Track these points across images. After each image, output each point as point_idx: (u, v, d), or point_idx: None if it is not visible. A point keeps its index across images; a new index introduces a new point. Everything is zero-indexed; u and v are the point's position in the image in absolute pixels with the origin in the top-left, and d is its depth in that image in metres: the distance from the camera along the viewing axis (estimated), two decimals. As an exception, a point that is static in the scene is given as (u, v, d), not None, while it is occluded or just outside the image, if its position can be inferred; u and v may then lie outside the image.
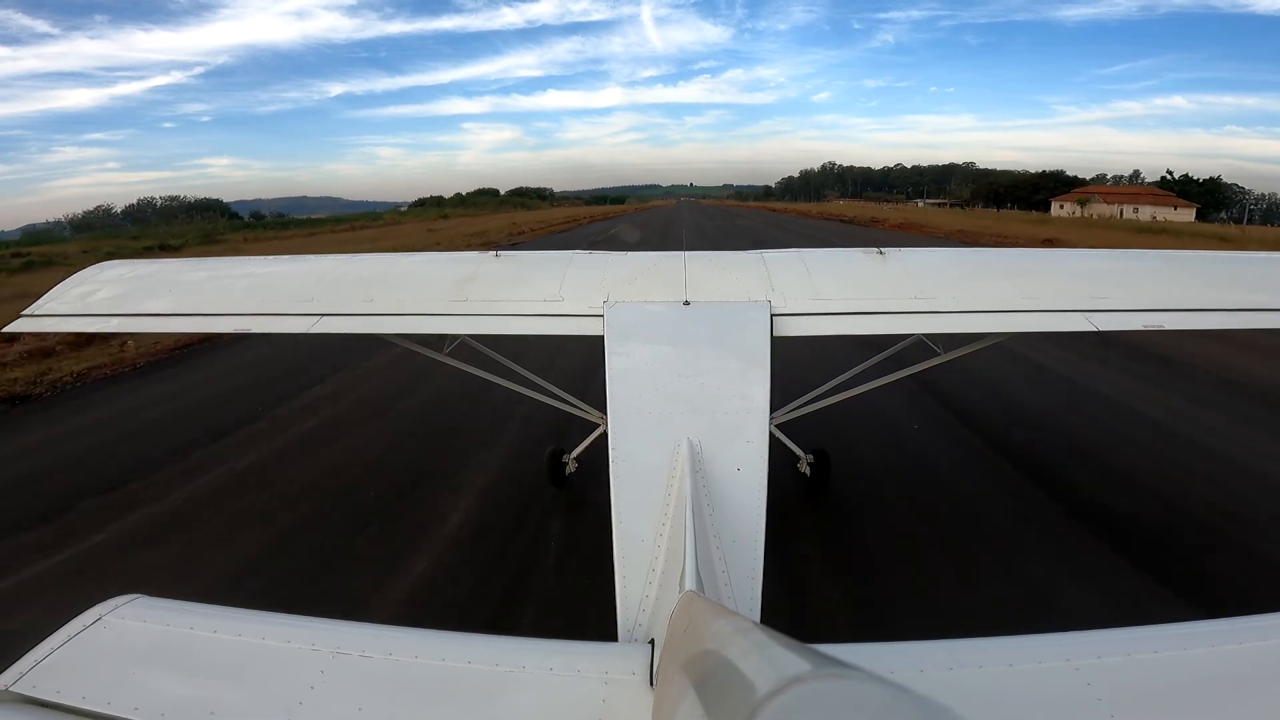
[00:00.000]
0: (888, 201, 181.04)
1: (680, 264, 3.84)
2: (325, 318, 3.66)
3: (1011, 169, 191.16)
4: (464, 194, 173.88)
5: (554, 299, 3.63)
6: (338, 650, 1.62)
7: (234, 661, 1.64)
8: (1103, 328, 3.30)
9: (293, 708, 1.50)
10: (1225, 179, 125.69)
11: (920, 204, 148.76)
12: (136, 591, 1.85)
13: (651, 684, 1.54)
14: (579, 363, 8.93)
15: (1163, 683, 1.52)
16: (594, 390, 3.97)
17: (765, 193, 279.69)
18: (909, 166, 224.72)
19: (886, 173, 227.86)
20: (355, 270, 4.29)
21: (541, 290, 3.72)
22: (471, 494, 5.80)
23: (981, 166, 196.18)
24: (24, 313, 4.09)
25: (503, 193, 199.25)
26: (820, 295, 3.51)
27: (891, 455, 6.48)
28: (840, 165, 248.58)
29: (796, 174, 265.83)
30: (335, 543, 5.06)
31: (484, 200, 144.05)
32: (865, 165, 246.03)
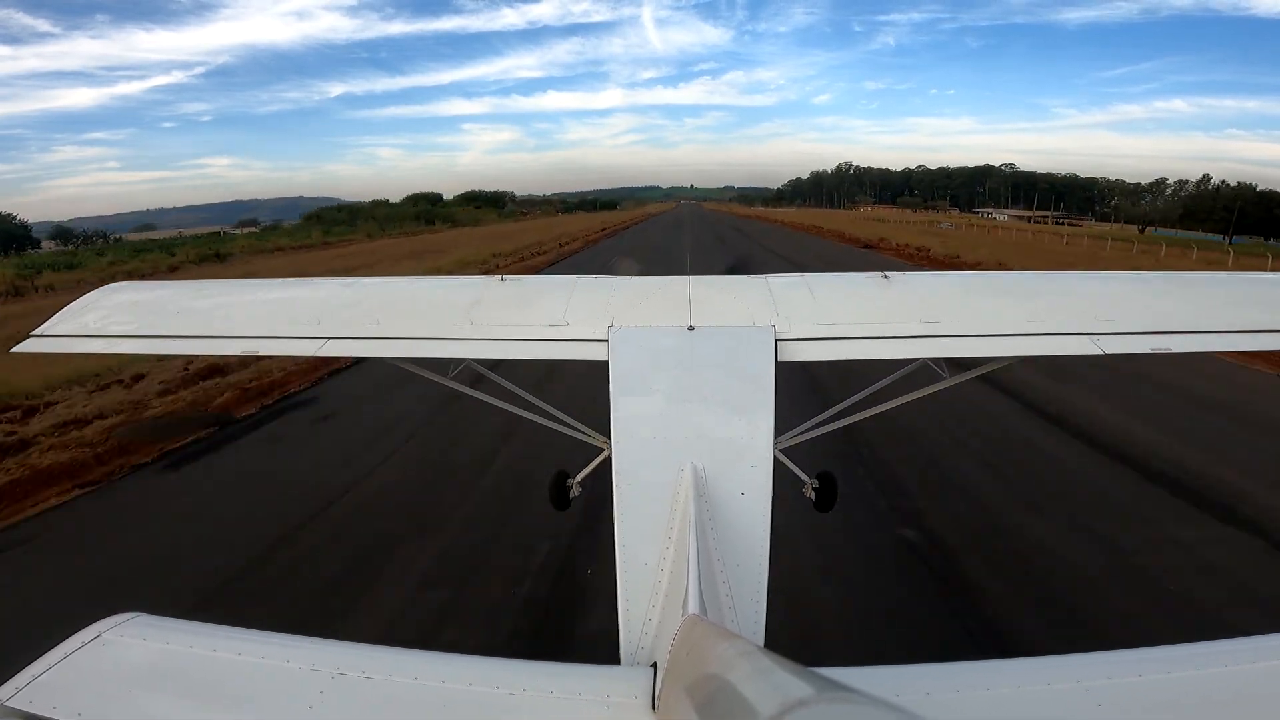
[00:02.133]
0: (930, 208, 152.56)
1: (685, 288, 3.85)
2: (332, 341, 3.68)
3: (1029, 170, 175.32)
4: (395, 201, 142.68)
5: (559, 323, 3.64)
6: (338, 670, 1.61)
7: (233, 681, 1.64)
8: (1108, 350, 3.29)
9: None
10: (1227, 183, 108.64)
11: (1000, 216, 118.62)
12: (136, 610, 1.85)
13: (654, 708, 1.53)
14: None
15: (1176, 703, 1.50)
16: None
17: (777, 196, 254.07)
18: (934, 168, 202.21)
19: (908, 175, 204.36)
20: (361, 294, 4.33)
21: (546, 315, 3.73)
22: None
23: (1023, 169, 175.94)
24: (33, 333, 4.09)
25: (448, 198, 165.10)
26: (825, 320, 3.51)
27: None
28: (858, 167, 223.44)
29: (806, 175, 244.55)
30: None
31: (339, 219, 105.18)
32: (884, 166, 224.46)
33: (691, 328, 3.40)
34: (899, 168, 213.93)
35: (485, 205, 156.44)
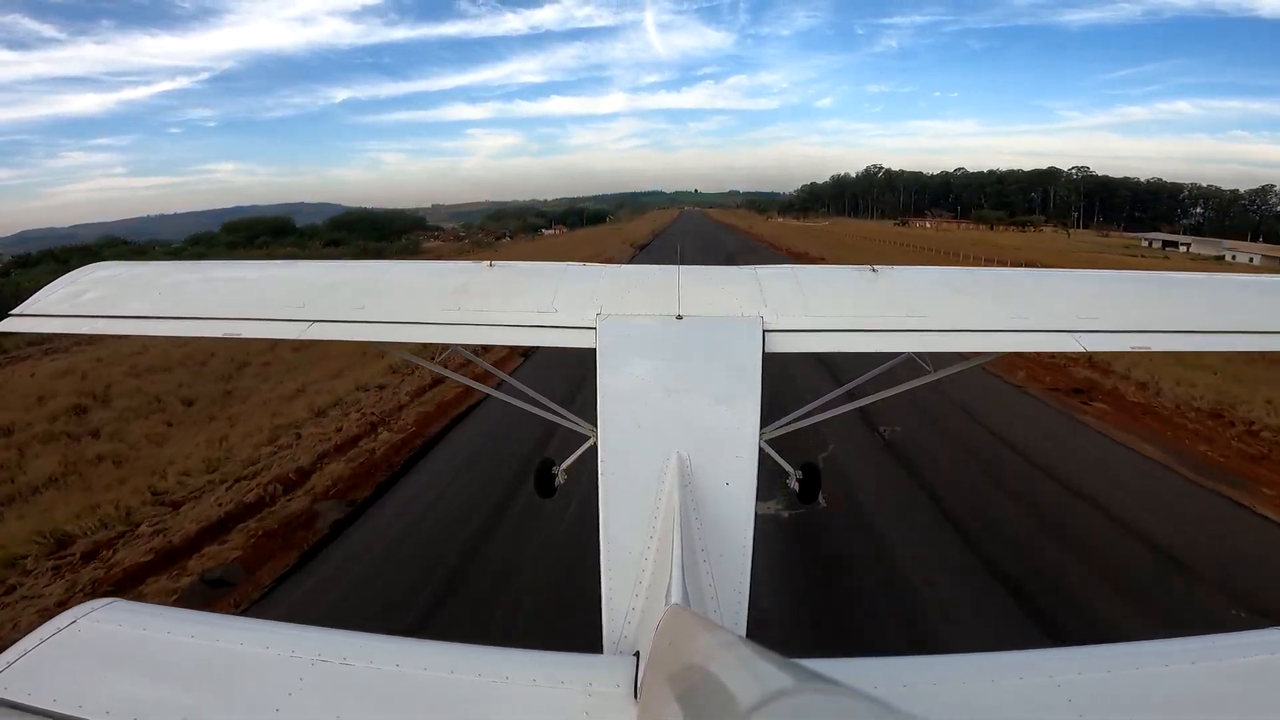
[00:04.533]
0: (1018, 226, 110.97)
1: (674, 278, 3.84)
2: (316, 324, 3.63)
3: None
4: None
5: (547, 310, 3.62)
6: (318, 657, 1.59)
7: (210, 667, 1.62)
8: (1090, 348, 3.33)
9: (269, 715, 1.48)
10: (1233, 186, 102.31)
11: (1246, 256, 64.99)
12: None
13: (636, 697, 1.53)
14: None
15: (1144, 698, 1.54)
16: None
17: (803, 206, 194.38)
18: (975, 171, 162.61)
19: (947, 179, 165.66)
20: (347, 277, 4.27)
21: (534, 302, 3.71)
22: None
23: (1099, 173, 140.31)
24: (12, 313, 4.03)
25: (332, 224, 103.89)
26: (812, 312, 3.52)
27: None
28: (888, 170, 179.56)
29: (823, 179, 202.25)
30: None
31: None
32: (916, 170, 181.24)
33: (680, 317, 3.41)
34: (934, 171, 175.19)
35: (366, 235, 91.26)
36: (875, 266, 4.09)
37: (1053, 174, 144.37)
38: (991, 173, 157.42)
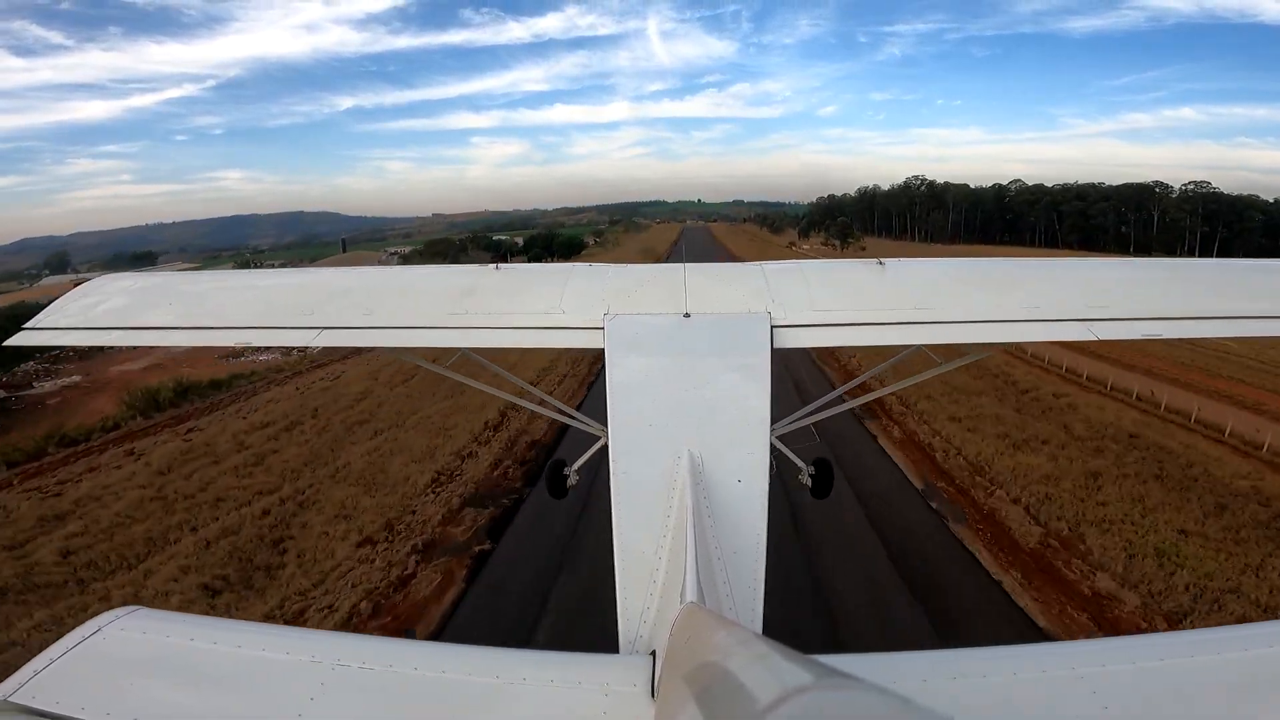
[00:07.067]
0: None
1: (680, 276, 3.84)
2: (326, 331, 3.66)
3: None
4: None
5: (554, 311, 3.64)
6: (338, 662, 1.61)
7: (234, 673, 1.64)
8: (1102, 337, 3.31)
9: (292, 719, 1.50)
10: (1238, 192, 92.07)
11: None
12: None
13: (653, 696, 1.54)
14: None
15: (1169, 690, 1.52)
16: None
17: (841, 231, 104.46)
18: (1034, 185, 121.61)
19: (1000, 193, 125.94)
20: (355, 283, 4.29)
21: (542, 303, 3.73)
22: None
23: (1221, 189, 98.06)
24: (25, 326, 4.08)
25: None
26: (820, 307, 3.52)
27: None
28: (932, 182, 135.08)
29: (852, 193, 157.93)
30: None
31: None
32: (962, 181, 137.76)
33: (687, 315, 3.42)
34: (986, 184, 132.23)
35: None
36: (883, 260, 4.09)
37: (1150, 190, 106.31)
38: (1067, 187, 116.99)
